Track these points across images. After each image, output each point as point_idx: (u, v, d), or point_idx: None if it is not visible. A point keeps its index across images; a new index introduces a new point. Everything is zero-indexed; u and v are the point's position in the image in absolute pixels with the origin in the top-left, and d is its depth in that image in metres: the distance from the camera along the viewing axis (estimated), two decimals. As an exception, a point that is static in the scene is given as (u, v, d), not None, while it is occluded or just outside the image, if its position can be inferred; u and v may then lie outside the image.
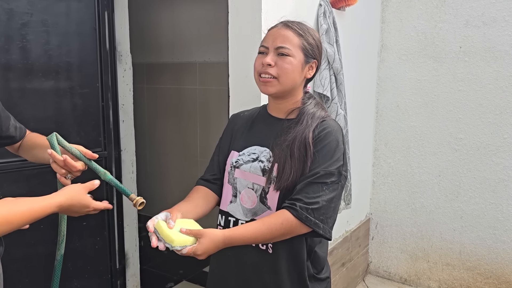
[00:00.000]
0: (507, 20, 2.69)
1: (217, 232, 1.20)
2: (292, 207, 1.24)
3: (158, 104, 4.03)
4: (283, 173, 1.29)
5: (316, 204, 1.24)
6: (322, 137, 1.31)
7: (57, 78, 2.15)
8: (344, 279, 2.96)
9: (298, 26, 1.37)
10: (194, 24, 3.71)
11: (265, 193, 1.34)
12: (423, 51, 2.99)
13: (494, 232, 2.88)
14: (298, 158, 1.29)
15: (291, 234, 1.26)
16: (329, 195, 1.26)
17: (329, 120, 1.37)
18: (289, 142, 1.31)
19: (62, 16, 2.14)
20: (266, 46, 1.34)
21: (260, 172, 1.34)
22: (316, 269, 1.40)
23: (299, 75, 1.36)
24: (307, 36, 1.36)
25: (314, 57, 1.38)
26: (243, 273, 1.40)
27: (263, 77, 1.33)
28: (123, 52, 2.52)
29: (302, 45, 1.34)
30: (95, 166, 1.25)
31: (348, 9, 2.53)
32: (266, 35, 1.38)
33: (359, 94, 2.89)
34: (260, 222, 1.25)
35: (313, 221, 1.24)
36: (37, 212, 1.05)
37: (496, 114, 2.79)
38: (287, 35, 1.33)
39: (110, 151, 2.38)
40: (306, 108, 1.38)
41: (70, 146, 1.22)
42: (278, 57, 1.32)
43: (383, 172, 3.25)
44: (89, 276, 2.37)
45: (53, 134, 1.21)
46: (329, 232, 1.28)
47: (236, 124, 1.51)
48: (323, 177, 1.26)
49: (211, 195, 1.46)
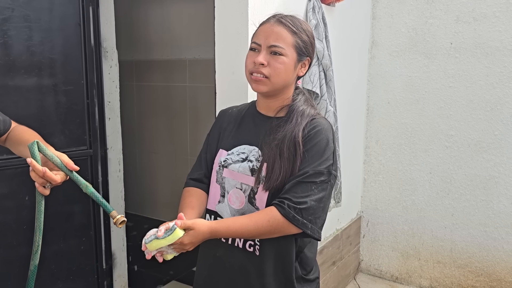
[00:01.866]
0: (498, 16, 2.67)
1: (204, 227, 1.19)
2: (280, 205, 1.22)
3: (147, 101, 3.98)
4: (272, 173, 1.26)
5: (304, 204, 1.22)
6: (312, 136, 1.28)
7: (40, 75, 2.10)
8: (335, 278, 2.94)
9: (292, 22, 1.32)
10: (183, 21, 3.66)
11: (253, 194, 1.30)
12: (414, 48, 2.96)
13: (485, 229, 2.87)
14: (287, 158, 1.26)
15: (279, 232, 1.23)
16: (318, 195, 1.24)
17: (319, 118, 1.34)
18: (278, 141, 1.28)
19: (44, 11, 2.09)
20: (258, 43, 1.30)
21: (249, 172, 1.31)
22: (305, 270, 1.38)
23: (292, 74, 1.33)
24: (301, 33, 1.32)
25: (307, 54, 1.35)
26: (230, 275, 1.37)
27: (254, 76, 1.30)
28: (109, 48, 2.47)
29: (295, 44, 1.30)
30: (76, 178, 1.19)
31: (338, 4, 2.50)
32: (257, 30, 1.34)
33: (349, 91, 2.86)
34: (247, 217, 1.24)
35: (301, 221, 1.22)
36: None
37: (487, 110, 2.77)
38: (281, 32, 1.29)
39: (95, 150, 2.33)
40: (295, 105, 1.34)
41: (51, 155, 1.16)
42: (271, 56, 1.28)
43: (374, 170, 3.22)
44: (74, 277, 2.33)
45: (34, 141, 1.15)
46: (317, 232, 1.26)
47: (224, 121, 1.47)
48: (312, 176, 1.24)
49: (204, 198, 1.42)
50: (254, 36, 1.34)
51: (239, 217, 1.26)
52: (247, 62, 1.32)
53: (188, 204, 1.36)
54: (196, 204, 1.37)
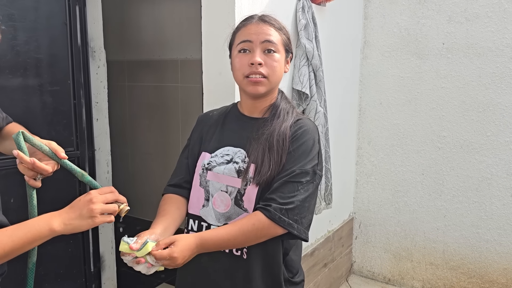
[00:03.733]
0: (490, 16, 2.66)
1: (188, 236, 1.15)
2: (265, 208, 1.20)
3: (139, 102, 3.94)
4: (262, 166, 1.24)
5: (291, 204, 1.21)
6: (299, 136, 1.27)
7: (25, 75, 2.06)
8: (327, 280, 2.91)
9: (275, 20, 1.32)
10: (175, 21, 3.63)
11: (240, 195, 1.28)
12: (406, 48, 2.94)
13: (477, 231, 2.85)
14: (276, 151, 1.25)
15: (265, 235, 1.21)
16: (303, 195, 1.23)
17: (304, 119, 1.34)
18: (267, 135, 1.27)
19: (30, 10, 2.05)
20: (250, 40, 1.26)
21: (235, 173, 1.28)
22: (291, 273, 1.36)
23: (282, 72, 1.33)
24: (284, 30, 1.33)
25: (291, 51, 1.36)
26: (216, 280, 1.33)
27: (253, 78, 1.26)
28: (97, 48, 2.43)
29: (283, 40, 1.31)
30: (70, 167, 1.13)
31: (329, 4, 2.48)
32: (243, 30, 1.31)
33: (341, 92, 2.84)
34: (231, 224, 1.22)
35: (287, 221, 1.20)
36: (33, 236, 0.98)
37: (479, 111, 2.76)
38: (269, 31, 1.28)
39: (83, 151, 2.29)
40: (278, 103, 1.35)
41: (39, 144, 1.09)
42: (265, 55, 1.27)
43: (367, 171, 3.20)
44: (62, 280, 2.29)
45: (19, 131, 1.08)
46: (304, 232, 1.24)
47: (205, 125, 1.44)
48: (298, 176, 1.23)
49: (183, 204, 1.37)
50: (237, 37, 1.31)
51: (223, 226, 1.23)
52: (238, 65, 1.28)
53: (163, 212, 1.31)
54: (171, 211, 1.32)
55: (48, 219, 1.00)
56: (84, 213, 1.01)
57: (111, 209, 1.06)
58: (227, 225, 1.22)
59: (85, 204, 1.02)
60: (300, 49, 2.20)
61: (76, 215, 1.02)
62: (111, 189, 1.09)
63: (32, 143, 1.09)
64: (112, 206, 1.06)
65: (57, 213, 1.03)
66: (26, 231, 0.97)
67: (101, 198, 1.04)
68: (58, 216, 1.01)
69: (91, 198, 1.03)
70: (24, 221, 1.01)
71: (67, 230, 1.01)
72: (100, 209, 1.03)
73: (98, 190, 1.07)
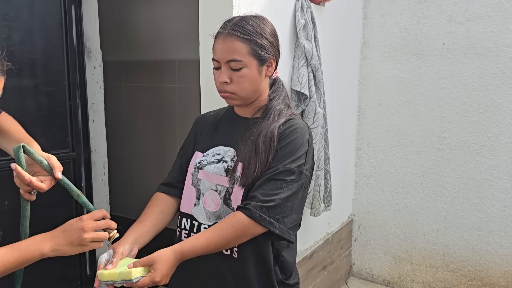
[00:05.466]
0: (491, 16, 2.63)
1: (167, 252, 1.14)
2: (245, 207, 1.19)
3: (136, 103, 3.90)
4: (248, 168, 1.23)
5: (272, 202, 1.19)
6: (287, 134, 1.26)
7: (20, 75, 2.03)
8: (326, 282, 2.88)
9: (243, 29, 1.24)
10: (173, 21, 3.59)
11: (229, 194, 1.27)
12: (406, 48, 2.91)
13: (478, 233, 2.82)
14: (263, 153, 1.24)
15: (246, 235, 1.20)
16: (286, 193, 1.21)
17: (296, 118, 1.32)
18: (254, 137, 1.26)
19: (25, 10, 2.02)
20: (217, 60, 1.27)
21: (223, 172, 1.29)
22: (285, 275, 1.35)
23: (259, 81, 1.29)
24: (255, 37, 1.24)
25: (270, 54, 1.29)
26: (206, 280, 1.33)
27: (222, 94, 1.29)
28: (93, 48, 2.41)
29: (251, 51, 1.24)
30: (67, 185, 1.14)
31: (328, 4, 2.45)
32: (214, 44, 1.29)
33: (340, 92, 2.81)
34: (211, 229, 1.20)
35: (268, 220, 1.18)
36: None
37: (480, 112, 2.73)
38: (233, 45, 1.23)
39: (78, 153, 2.27)
40: (272, 104, 1.33)
41: (40, 159, 1.10)
42: (232, 72, 1.25)
43: (366, 172, 3.17)
44: (57, 283, 2.27)
45: (19, 145, 1.09)
46: (287, 232, 1.22)
47: (201, 125, 1.46)
48: (282, 174, 1.21)
49: (171, 204, 1.40)
50: (213, 51, 1.30)
51: (203, 231, 1.22)
52: (215, 79, 1.30)
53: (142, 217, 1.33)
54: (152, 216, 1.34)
55: (39, 242, 1.03)
56: (74, 240, 1.04)
57: (102, 237, 1.07)
58: (206, 232, 1.21)
59: (76, 232, 1.04)
60: (299, 49, 2.17)
61: (66, 241, 1.04)
62: (104, 214, 1.11)
63: (32, 157, 1.10)
64: (102, 234, 1.08)
65: (49, 236, 1.05)
66: (17, 256, 1.00)
67: (93, 226, 1.06)
68: (50, 240, 1.04)
69: (83, 226, 1.05)
70: (15, 243, 1.04)
71: (56, 254, 1.04)
72: (91, 238, 1.05)
73: (90, 215, 1.09)
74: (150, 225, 1.30)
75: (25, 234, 1.16)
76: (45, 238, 1.04)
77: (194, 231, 1.32)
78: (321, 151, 2.32)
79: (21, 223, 1.14)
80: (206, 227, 1.30)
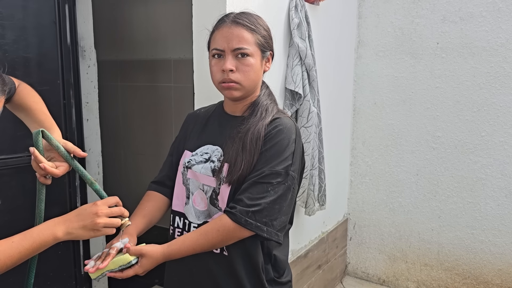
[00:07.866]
0: (484, 16, 2.64)
1: (157, 252, 1.19)
2: (231, 212, 1.19)
3: (132, 102, 3.90)
4: (235, 165, 1.23)
5: (258, 206, 1.18)
6: (273, 135, 1.24)
7: (13, 74, 1.99)
8: (321, 281, 2.89)
9: (248, 20, 1.26)
10: (168, 20, 3.59)
11: (216, 195, 1.27)
12: (400, 47, 2.92)
13: (472, 231, 2.83)
14: (249, 151, 1.23)
15: (232, 238, 1.21)
16: (273, 196, 1.20)
17: (283, 117, 1.30)
18: (242, 134, 1.25)
19: (18, 8, 2.01)
20: (221, 49, 1.24)
21: (210, 172, 1.28)
22: (277, 273, 1.35)
23: (260, 73, 1.30)
24: (260, 29, 1.27)
25: (269, 48, 1.32)
26: (199, 278, 1.33)
27: (225, 84, 1.25)
28: (87, 47, 2.40)
29: (257, 41, 1.26)
30: (82, 172, 1.17)
31: (322, 3, 2.45)
32: (215, 35, 1.27)
33: (335, 91, 2.82)
34: (197, 232, 1.22)
35: (254, 224, 1.18)
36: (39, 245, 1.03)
37: (474, 111, 2.74)
38: (241, 34, 1.23)
39: (73, 152, 2.26)
40: (259, 100, 1.32)
41: (57, 145, 1.14)
42: (238, 60, 1.23)
43: (361, 171, 3.18)
44: (51, 283, 2.25)
45: (39, 130, 1.13)
46: (276, 235, 1.21)
47: (191, 122, 1.46)
48: (268, 176, 1.20)
49: (163, 201, 1.42)
50: (212, 41, 1.28)
51: (190, 233, 1.24)
52: (213, 70, 1.27)
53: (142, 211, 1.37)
54: (151, 211, 1.37)
55: (52, 227, 1.04)
56: (88, 224, 1.05)
57: (115, 224, 1.09)
58: (192, 233, 1.23)
59: (90, 216, 1.05)
60: (293, 48, 2.17)
61: (79, 225, 1.05)
62: (117, 201, 1.13)
63: (50, 142, 1.14)
64: (115, 221, 1.09)
65: (62, 220, 1.06)
66: (32, 242, 1.01)
67: (106, 211, 1.07)
68: (63, 223, 1.05)
69: (97, 211, 1.06)
70: (27, 230, 1.04)
71: (69, 238, 1.05)
72: (104, 223, 1.06)
73: (104, 201, 1.10)
74: (149, 219, 1.35)
75: (39, 217, 1.18)
76: (58, 222, 1.05)
77: (187, 230, 1.33)
78: (315, 150, 2.33)
79: (37, 205, 1.17)
80: (195, 226, 1.30)
